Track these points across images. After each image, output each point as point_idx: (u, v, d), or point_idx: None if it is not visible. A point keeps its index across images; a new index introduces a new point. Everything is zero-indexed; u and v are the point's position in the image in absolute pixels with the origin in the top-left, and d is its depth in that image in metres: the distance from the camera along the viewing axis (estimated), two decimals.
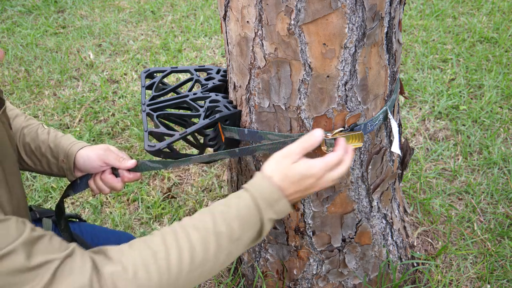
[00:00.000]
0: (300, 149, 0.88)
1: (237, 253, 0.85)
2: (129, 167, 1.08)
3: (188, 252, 0.79)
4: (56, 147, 1.11)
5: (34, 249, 0.72)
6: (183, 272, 0.79)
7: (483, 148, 1.94)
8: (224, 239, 0.82)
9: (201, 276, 0.81)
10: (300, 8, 0.84)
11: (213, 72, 1.24)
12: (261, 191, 0.85)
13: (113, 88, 2.51)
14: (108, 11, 3.40)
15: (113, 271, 0.76)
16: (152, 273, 0.77)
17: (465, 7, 3.05)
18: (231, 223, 0.83)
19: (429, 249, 1.55)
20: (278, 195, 0.85)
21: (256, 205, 0.85)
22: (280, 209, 0.86)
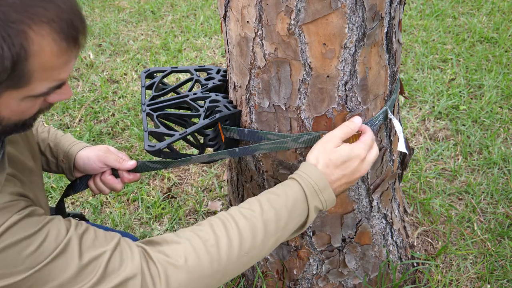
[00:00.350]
0: (341, 133, 0.92)
1: (282, 240, 0.86)
2: (129, 168, 1.08)
3: (237, 239, 0.81)
4: (55, 147, 1.11)
5: (83, 245, 0.73)
6: (233, 259, 0.80)
7: (483, 148, 1.94)
8: (271, 226, 0.83)
9: (249, 262, 0.83)
10: (300, 8, 0.84)
11: (213, 72, 1.24)
12: (308, 179, 0.87)
13: (113, 88, 2.51)
14: (108, 11, 3.40)
15: (163, 259, 0.77)
16: (203, 260, 0.78)
17: (465, 7, 3.05)
18: (279, 211, 0.84)
19: (429, 249, 1.55)
20: (324, 183, 0.87)
21: (303, 193, 0.86)
22: (325, 198, 0.87)
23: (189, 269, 0.77)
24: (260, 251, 0.83)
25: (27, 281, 0.68)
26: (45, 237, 0.70)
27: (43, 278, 0.69)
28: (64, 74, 0.70)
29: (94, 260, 0.72)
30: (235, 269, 0.81)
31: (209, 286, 0.79)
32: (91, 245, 0.74)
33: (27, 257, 0.68)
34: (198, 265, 0.78)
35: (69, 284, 0.70)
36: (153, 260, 0.77)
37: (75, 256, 0.71)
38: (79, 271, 0.71)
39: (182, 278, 0.76)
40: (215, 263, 0.79)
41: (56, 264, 0.69)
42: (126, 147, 2.09)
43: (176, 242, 0.80)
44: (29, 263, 0.68)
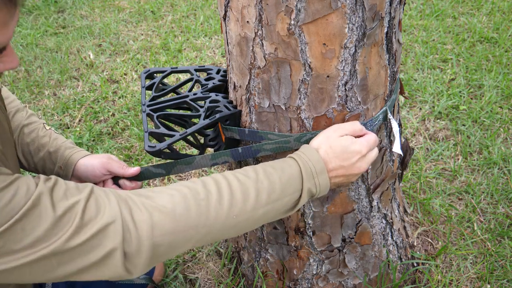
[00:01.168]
0: (349, 127, 0.92)
1: (271, 216, 0.85)
2: (133, 174, 1.09)
3: (228, 199, 0.79)
4: (55, 153, 1.11)
5: (55, 197, 0.70)
6: (221, 217, 0.78)
7: (483, 148, 1.94)
8: (263, 196, 0.82)
9: (235, 228, 0.81)
10: (300, 8, 0.84)
11: (213, 72, 1.24)
12: (306, 160, 0.87)
13: (113, 88, 2.51)
14: (108, 11, 3.40)
15: (148, 203, 0.75)
16: (191, 210, 0.76)
17: (465, 7, 3.05)
18: (272, 183, 0.84)
19: (429, 249, 1.55)
20: (321, 167, 0.87)
21: (299, 172, 0.86)
22: (320, 183, 0.87)
23: (176, 216, 0.75)
24: (248, 219, 0.81)
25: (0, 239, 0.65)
26: (14, 193, 0.67)
27: (17, 234, 0.66)
28: (3, 38, 0.66)
29: (68, 210, 0.69)
30: (221, 230, 0.79)
31: (191, 239, 0.77)
32: (63, 196, 0.71)
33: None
34: (186, 214, 0.75)
35: (45, 238, 0.67)
36: (137, 205, 0.74)
37: (48, 208, 0.68)
38: (54, 223, 0.68)
39: (168, 224, 0.74)
40: (202, 216, 0.77)
41: (29, 218, 0.67)
42: (126, 147, 2.09)
43: (164, 191, 0.78)
44: (1, 219, 0.65)
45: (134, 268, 0.73)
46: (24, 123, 1.12)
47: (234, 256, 1.49)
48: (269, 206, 0.83)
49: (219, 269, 1.52)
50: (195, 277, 1.52)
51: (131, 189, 1.10)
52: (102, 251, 0.70)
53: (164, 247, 0.74)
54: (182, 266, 1.55)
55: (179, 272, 1.53)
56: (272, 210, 0.84)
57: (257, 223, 0.84)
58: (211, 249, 1.59)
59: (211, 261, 1.56)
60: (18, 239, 0.66)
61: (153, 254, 0.74)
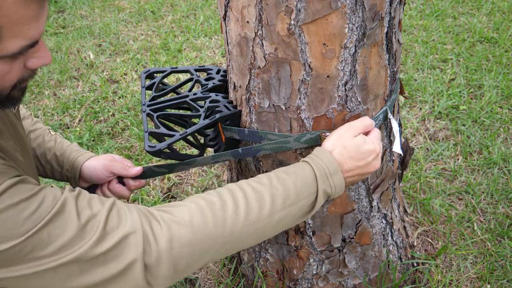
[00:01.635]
0: (361, 124, 0.92)
1: (289, 220, 0.85)
2: (135, 175, 1.10)
3: (244, 207, 0.80)
4: (61, 156, 1.13)
5: (79, 205, 0.72)
6: (238, 226, 0.79)
7: (483, 148, 1.94)
8: (279, 201, 0.82)
9: (253, 235, 0.81)
10: (300, 8, 0.84)
11: (213, 72, 1.24)
12: (319, 162, 0.87)
13: (113, 88, 2.51)
14: (108, 11, 3.40)
15: (167, 217, 0.76)
16: (208, 221, 0.77)
17: (465, 7, 3.05)
18: (287, 188, 0.84)
19: (429, 249, 1.55)
20: (335, 168, 0.87)
21: (313, 175, 0.86)
22: (334, 183, 0.87)
23: (194, 228, 0.76)
24: (265, 225, 0.82)
25: (27, 244, 0.66)
26: (42, 200, 0.69)
27: (43, 240, 0.67)
28: (35, 31, 0.66)
29: (92, 218, 0.71)
30: (239, 239, 0.80)
31: (210, 250, 0.78)
32: (87, 205, 0.73)
33: (26, 219, 0.67)
34: (203, 225, 0.77)
35: (70, 245, 0.69)
36: (156, 218, 0.76)
37: (73, 216, 0.70)
38: (78, 231, 0.69)
39: (186, 236, 0.75)
40: (219, 227, 0.78)
41: (55, 224, 0.68)
42: (126, 147, 2.09)
43: (182, 204, 0.80)
44: (28, 224, 0.67)
45: (155, 280, 0.74)
46: (30, 129, 1.15)
47: (234, 256, 1.49)
48: (285, 210, 0.83)
49: (219, 269, 1.52)
50: (195, 277, 1.52)
51: (135, 188, 1.11)
52: (123, 262, 0.71)
53: (184, 259, 0.75)
54: None
55: None
56: (289, 215, 0.85)
57: (275, 229, 0.85)
58: None
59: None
60: (44, 245, 0.68)
61: (174, 266, 0.75)
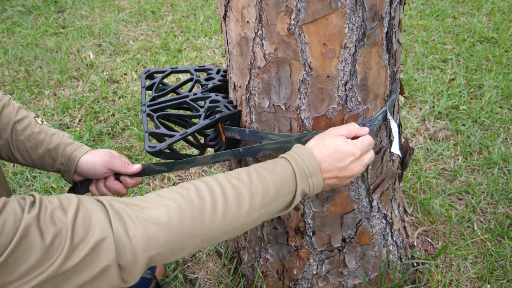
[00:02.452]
0: (346, 128, 0.93)
1: (265, 217, 0.85)
2: (134, 172, 1.09)
3: (222, 207, 0.79)
4: (55, 150, 1.09)
5: (42, 224, 0.68)
6: (215, 225, 0.78)
7: (483, 148, 1.94)
8: (257, 200, 0.82)
9: (230, 232, 0.81)
10: (300, 8, 0.84)
11: (213, 72, 1.24)
12: (299, 161, 0.87)
13: (113, 88, 2.51)
14: (108, 11, 3.40)
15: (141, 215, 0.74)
16: (186, 221, 0.76)
17: (465, 7, 3.05)
18: (266, 187, 0.83)
19: (429, 249, 1.55)
20: (315, 168, 0.86)
21: (293, 174, 0.85)
22: (313, 183, 0.86)
23: (172, 229, 0.74)
24: (242, 224, 0.81)
25: None
26: (2, 226, 0.65)
27: (9, 268, 0.65)
28: None
29: (57, 235, 0.68)
30: (216, 237, 0.79)
31: (186, 248, 0.77)
32: (49, 222, 0.69)
33: None
34: (181, 225, 0.75)
35: (37, 267, 0.66)
36: (131, 218, 0.73)
37: (36, 238, 0.66)
38: (45, 251, 0.66)
39: (163, 237, 0.74)
40: (197, 227, 0.76)
41: (19, 250, 0.65)
42: (126, 147, 2.09)
43: (158, 201, 0.77)
44: None
45: (130, 277, 0.73)
46: (15, 120, 1.08)
47: (234, 256, 1.49)
48: (263, 210, 0.83)
49: (219, 269, 1.52)
50: (195, 277, 1.52)
51: (131, 185, 1.10)
52: (96, 268, 0.69)
53: (160, 256, 0.75)
54: (182, 266, 1.55)
55: (179, 272, 1.53)
56: (266, 213, 0.84)
57: (252, 226, 0.84)
58: (211, 249, 1.59)
59: (211, 261, 1.56)
60: (10, 271, 0.65)
61: (149, 263, 0.74)
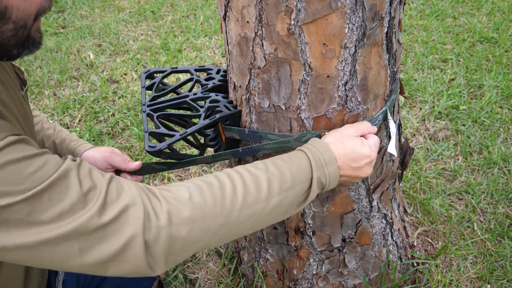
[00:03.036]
0: (362, 128, 0.94)
1: (284, 208, 0.84)
2: (134, 169, 1.10)
3: (241, 188, 0.80)
4: (60, 144, 1.13)
5: (81, 174, 0.70)
6: (236, 207, 0.78)
7: (483, 148, 1.94)
8: (275, 185, 0.82)
9: (250, 219, 0.80)
10: (300, 8, 0.84)
11: (213, 72, 1.24)
12: (314, 151, 0.87)
13: (113, 88, 2.51)
14: (108, 11, 3.40)
15: (166, 194, 0.75)
16: (207, 199, 0.77)
17: (465, 7, 3.05)
18: (283, 173, 0.84)
19: (429, 249, 1.55)
20: (330, 157, 0.87)
21: (309, 162, 0.86)
22: (329, 173, 0.87)
23: (193, 205, 0.75)
24: (262, 209, 0.81)
25: (26, 205, 0.64)
26: (45, 162, 0.67)
27: (44, 203, 0.65)
28: None
29: (93, 188, 0.69)
30: (237, 221, 0.79)
31: (208, 232, 0.77)
32: (87, 174, 0.71)
33: (28, 177, 0.64)
34: (202, 203, 0.76)
35: (70, 212, 0.66)
36: (155, 194, 0.75)
37: (75, 182, 0.68)
38: (79, 198, 0.67)
39: (185, 213, 0.74)
40: (218, 206, 0.77)
41: (57, 189, 0.66)
42: (126, 147, 2.09)
43: (180, 184, 0.79)
44: (29, 183, 0.64)
45: (153, 260, 0.72)
46: None
47: (234, 256, 1.49)
48: (282, 195, 0.83)
49: (219, 269, 1.52)
50: (195, 277, 1.52)
51: None
52: (123, 237, 0.69)
53: (181, 239, 0.74)
54: (182, 266, 1.55)
55: (179, 272, 1.53)
56: (285, 201, 0.84)
57: (271, 215, 0.83)
58: (211, 249, 1.59)
59: (211, 261, 1.56)
60: (44, 208, 0.65)
61: (170, 246, 0.73)
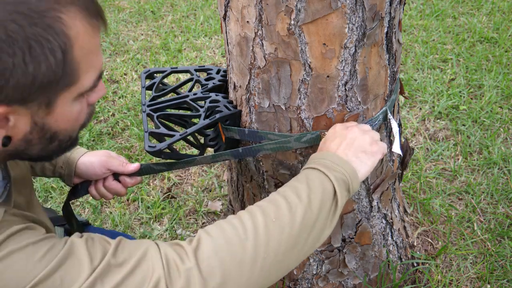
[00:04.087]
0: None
1: (315, 213, 0.78)
2: (133, 171, 1.08)
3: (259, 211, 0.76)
4: None
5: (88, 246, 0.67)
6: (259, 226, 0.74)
7: (483, 148, 1.94)
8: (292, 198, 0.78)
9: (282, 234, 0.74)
10: (300, 8, 0.84)
11: (213, 72, 1.24)
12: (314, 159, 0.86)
13: (113, 88, 2.51)
14: (108, 11, 3.40)
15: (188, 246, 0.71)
16: (226, 230, 0.73)
17: (465, 7, 3.05)
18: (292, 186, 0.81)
19: (429, 249, 1.55)
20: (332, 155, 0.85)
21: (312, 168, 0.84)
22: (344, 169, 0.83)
23: (214, 238, 0.72)
24: (291, 220, 0.76)
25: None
26: (52, 244, 0.64)
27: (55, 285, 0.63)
28: (100, 59, 0.65)
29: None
30: (269, 239, 0.73)
31: (242, 258, 0.71)
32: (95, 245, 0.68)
33: (36, 262, 0.62)
34: (221, 232, 0.73)
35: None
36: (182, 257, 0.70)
37: (85, 256, 0.65)
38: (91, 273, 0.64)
39: (208, 245, 0.70)
40: (239, 229, 0.73)
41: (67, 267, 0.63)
42: (126, 147, 2.09)
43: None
44: (39, 267, 0.62)
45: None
46: None
47: None
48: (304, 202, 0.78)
49: None
50: None
51: (131, 185, 1.09)
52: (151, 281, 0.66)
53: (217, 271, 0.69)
54: None
55: None
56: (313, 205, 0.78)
57: (306, 224, 0.77)
58: None
59: None
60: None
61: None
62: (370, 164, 0.87)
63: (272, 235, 0.74)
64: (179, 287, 0.66)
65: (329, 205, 0.81)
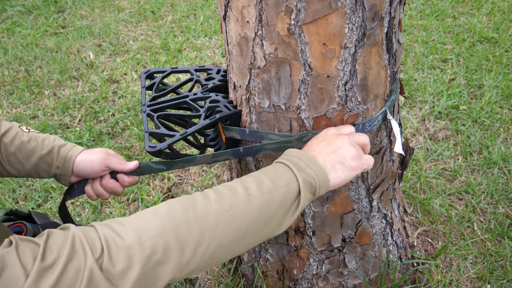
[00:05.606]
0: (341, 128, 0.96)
1: (274, 212, 0.79)
2: (132, 169, 1.08)
3: (213, 194, 0.78)
4: (49, 154, 1.07)
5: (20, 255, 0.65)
6: (212, 210, 0.75)
7: (483, 148, 1.94)
8: (252, 186, 0.79)
9: (234, 223, 0.76)
10: (300, 8, 0.84)
11: (213, 72, 1.24)
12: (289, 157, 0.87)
13: (113, 88, 2.51)
14: (108, 11, 3.40)
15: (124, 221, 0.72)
16: (175, 209, 0.75)
17: (465, 7, 3.05)
18: (258, 178, 0.82)
19: (429, 249, 1.55)
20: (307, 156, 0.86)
21: (284, 165, 0.85)
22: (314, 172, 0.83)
23: (161, 218, 0.73)
24: (245, 212, 0.77)
25: None
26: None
27: None
28: None
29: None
30: (217, 226, 0.75)
31: (186, 240, 0.72)
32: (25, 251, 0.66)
33: None
34: (170, 212, 0.74)
35: None
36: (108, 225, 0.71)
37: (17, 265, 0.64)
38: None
39: (154, 225, 0.71)
40: (190, 211, 0.74)
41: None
42: (126, 147, 2.09)
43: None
44: None
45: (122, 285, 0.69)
46: (1, 133, 1.05)
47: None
48: (264, 197, 0.79)
49: (219, 269, 1.52)
50: (195, 277, 1.52)
51: (129, 184, 1.09)
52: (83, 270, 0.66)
53: (159, 254, 0.70)
54: None
55: None
56: (272, 204, 0.80)
57: (262, 220, 0.79)
58: None
59: None
60: None
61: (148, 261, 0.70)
62: (343, 178, 0.88)
63: (222, 223, 0.76)
64: (120, 263, 0.68)
65: (289, 205, 0.82)
